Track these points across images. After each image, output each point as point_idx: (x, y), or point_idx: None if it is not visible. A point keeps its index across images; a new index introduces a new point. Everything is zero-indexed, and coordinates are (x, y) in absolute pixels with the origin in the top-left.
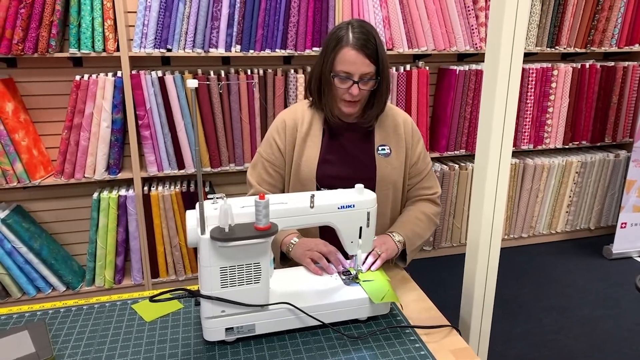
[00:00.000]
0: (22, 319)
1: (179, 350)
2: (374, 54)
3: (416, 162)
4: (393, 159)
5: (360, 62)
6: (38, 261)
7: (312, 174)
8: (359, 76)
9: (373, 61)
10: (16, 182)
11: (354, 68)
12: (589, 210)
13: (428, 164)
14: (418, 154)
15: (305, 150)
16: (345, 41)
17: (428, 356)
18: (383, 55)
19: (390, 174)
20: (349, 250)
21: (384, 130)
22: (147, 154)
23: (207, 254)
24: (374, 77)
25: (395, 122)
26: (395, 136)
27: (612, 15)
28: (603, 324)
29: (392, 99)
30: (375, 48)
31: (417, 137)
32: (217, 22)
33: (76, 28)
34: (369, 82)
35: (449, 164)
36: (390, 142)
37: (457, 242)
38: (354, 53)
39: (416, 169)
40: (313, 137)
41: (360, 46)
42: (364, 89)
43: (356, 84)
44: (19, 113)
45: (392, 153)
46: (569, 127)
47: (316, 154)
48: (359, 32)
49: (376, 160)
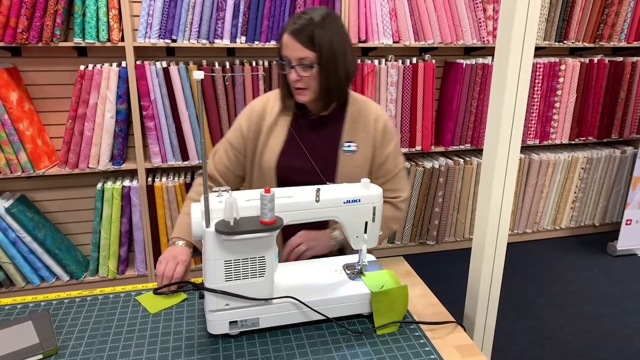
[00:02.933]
0: (26, 310)
1: (183, 343)
2: (309, 40)
3: (383, 163)
4: (358, 157)
5: (294, 47)
6: (42, 251)
7: (272, 163)
8: (295, 61)
9: (309, 47)
10: (20, 172)
11: (289, 52)
12: (594, 207)
13: (398, 166)
14: (387, 154)
15: (270, 139)
16: (286, 27)
17: (432, 352)
18: (325, 42)
19: (352, 171)
20: (354, 244)
21: (353, 126)
22: (151, 144)
23: (211, 247)
24: (313, 64)
25: (366, 119)
26: (364, 134)
27: (621, 10)
28: (606, 321)
29: (397, 92)
30: (311, 34)
31: (389, 136)
32: (222, 12)
33: (81, 17)
34: (308, 69)
35: (454, 158)
36: (357, 139)
37: (460, 237)
38: (289, 38)
39: (383, 170)
40: (280, 127)
41: (295, 31)
42: (305, 75)
43: (293, 69)
44: (23, 102)
45: (358, 150)
46: (576, 122)
47: (279, 144)
48: (301, 17)
49: (339, 157)
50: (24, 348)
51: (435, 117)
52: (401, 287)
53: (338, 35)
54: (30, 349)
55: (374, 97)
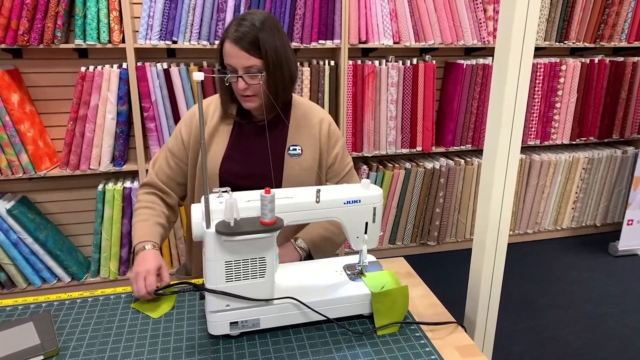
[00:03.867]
0: (27, 310)
1: (183, 344)
2: (255, 47)
3: (332, 164)
4: (303, 160)
5: (239, 56)
6: (43, 252)
7: (215, 169)
8: (242, 70)
9: (254, 55)
10: (22, 173)
11: (234, 61)
12: (595, 207)
13: (347, 165)
14: (334, 155)
15: (211, 145)
16: (227, 35)
17: (433, 352)
18: (271, 48)
19: (298, 174)
20: (354, 245)
21: (297, 130)
22: (152, 146)
23: (212, 248)
24: (261, 71)
25: (310, 122)
26: (309, 137)
27: (622, 10)
28: (607, 321)
29: (398, 92)
30: (256, 41)
31: (334, 138)
32: (222, 14)
33: (82, 19)
34: (256, 77)
35: (455, 159)
36: (302, 143)
37: (461, 238)
38: (232, 46)
39: (333, 171)
40: (221, 132)
41: (238, 39)
42: (253, 83)
43: (240, 78)
44: (24, 104)
45: (304, 154)
46: (577, 122)
47: (222, 149)
48: (244, 24)
49: (285, 160)
50: (25, 349)
51: (435, 117)
52: (402, 287)
53: (280, 39)
54: (31, 349)
55: (375, 97)
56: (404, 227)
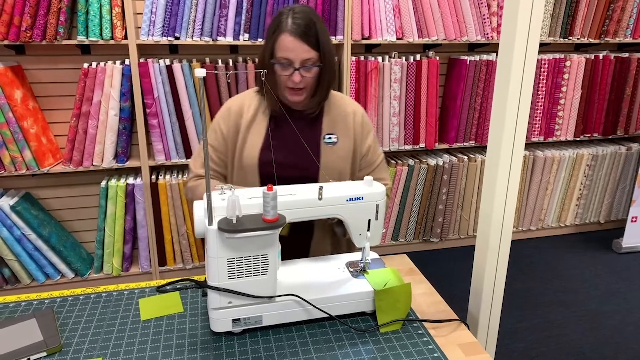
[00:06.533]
0: (30, 307)
1: (186, 341)
2: (314, 40)
3: (366, 154)
4: (339, 148)
5: (300, 49)
6: (47, 248)
7: (254, 160)
8: (299, 63)
9: (313, 47)
10: (25, 170)
11: (293, 54)
12: (599, 204)
13: (379, 156)
14: (368, 146)
15: (249, 136)
16: (284, 27)
17: (436, 350)
18: (325, 41)
19: (335, 162)
20: (357, 242)
21: (332, 119)
22: (155, 142)
23: (214, 245)
24: (316, 64)
25: (344, 111)
26: (344, 126)
27: (627, 5)
28: (610, 318)
29: (401, 88)
30: (315, 34)
31: (367, 129)
32: (225, 10)
33: (84, 15)
34: (311, 69)
35: (458, 155)
36: (337, 131)
37: (464, 234)
38: (292, 39)
39: (366, 161)
40: (258, 124)
41: (299, 32)
42: (307, 76)
43: (297, 71)
44: (27, 100)
45: (339, 142)
46: (581, 119)
47: (260, 140)
48: (299, 17)
49: (321, 149)
50: (28, 345)
51: (439, 114)
52: (404, 284)
53: (328, 32)
54: (34, 346)
55: (378, 94)
56: (406, 223)
